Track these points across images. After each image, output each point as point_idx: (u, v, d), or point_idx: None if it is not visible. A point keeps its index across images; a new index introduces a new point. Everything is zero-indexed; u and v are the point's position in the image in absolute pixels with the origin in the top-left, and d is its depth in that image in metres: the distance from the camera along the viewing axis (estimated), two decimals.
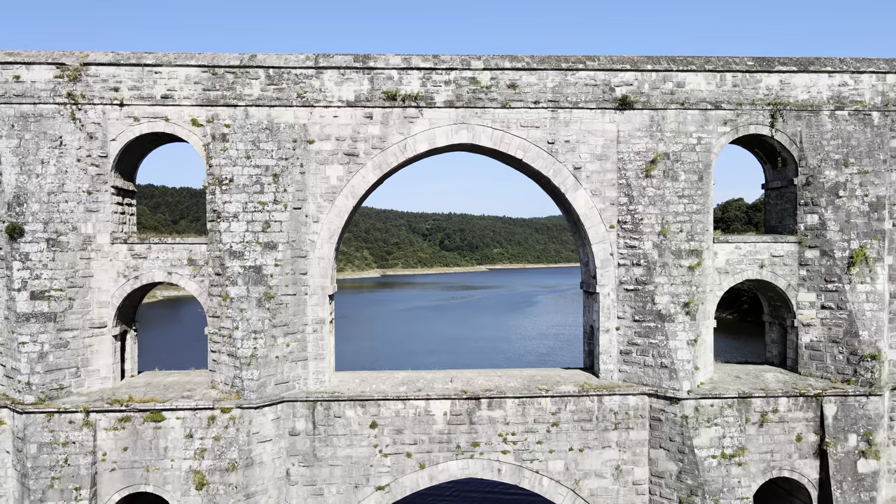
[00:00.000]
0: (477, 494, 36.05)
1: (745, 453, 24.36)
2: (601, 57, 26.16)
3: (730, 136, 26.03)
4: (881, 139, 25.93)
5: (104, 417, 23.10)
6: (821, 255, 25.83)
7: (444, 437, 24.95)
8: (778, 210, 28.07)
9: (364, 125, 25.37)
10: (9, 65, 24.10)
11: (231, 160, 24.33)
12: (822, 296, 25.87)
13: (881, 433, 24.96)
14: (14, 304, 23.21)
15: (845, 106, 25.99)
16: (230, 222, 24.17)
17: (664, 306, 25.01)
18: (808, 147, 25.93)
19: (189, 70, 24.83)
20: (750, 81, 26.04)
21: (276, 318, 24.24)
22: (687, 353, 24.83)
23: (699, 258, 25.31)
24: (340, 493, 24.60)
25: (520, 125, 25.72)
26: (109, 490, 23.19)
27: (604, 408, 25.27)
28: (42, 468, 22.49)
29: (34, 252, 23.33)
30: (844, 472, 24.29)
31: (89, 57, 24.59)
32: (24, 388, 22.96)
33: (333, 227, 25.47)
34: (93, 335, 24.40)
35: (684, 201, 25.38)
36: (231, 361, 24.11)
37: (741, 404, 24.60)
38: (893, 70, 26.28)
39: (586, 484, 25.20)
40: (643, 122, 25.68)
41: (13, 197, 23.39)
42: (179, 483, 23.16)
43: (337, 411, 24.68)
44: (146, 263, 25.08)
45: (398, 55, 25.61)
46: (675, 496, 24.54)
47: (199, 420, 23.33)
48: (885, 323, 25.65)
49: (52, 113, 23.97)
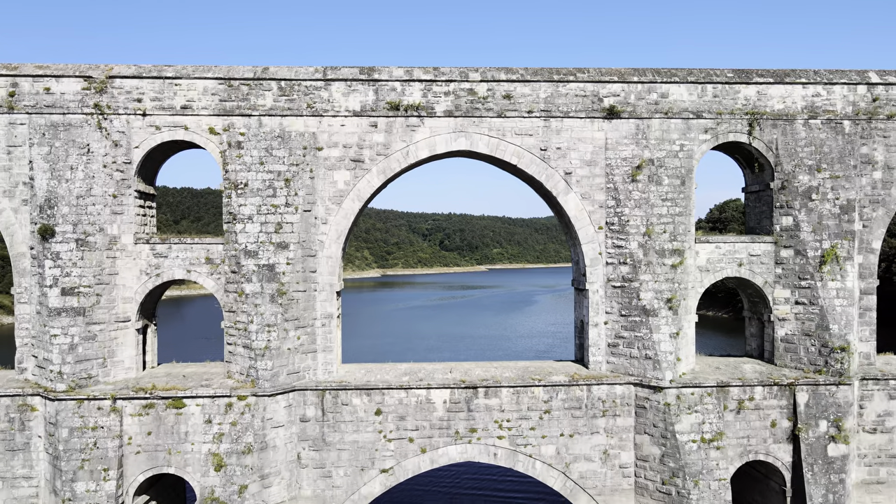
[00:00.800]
0: (474, 477, 37.94)
1: (723, 438, 26.25)
2: (590, 69, 28.03)
3: (710, 143, 27.89)
4: (852, 146, 27.80)
5: (130, 404, 24.98)
6: (795, 255, 27.71)
7: (444, 423, 26.83)
8: (756, 212, 29.96)
9: (369, 133, 27.24)
10: (40, 77, 25.99)
11: (246, 166, 26.21)
12: (796, 292, 27.75)
13: (850, 420, 26.83)
14: (46, 299, 25.09)
15: (818, 115, 27.86)
16: (245, 224, 26.04)
17: (648, 302, 26.89)
18: (784, 153, 27.80)
19: (206, 82, 26.71)
20: (729, 92, 27.91)
21: (288, 313, 26.11)
22: (669, 345, 26.70)
23: (681, 257, 27.18)
24: (347, 475, 26.49)
25: (514, 133, 27.59)
26: (135, 471, 25.08)
27: (592, 396, 27.14)
28: (73, 451, 24.36)
29: (64, 251, 25.20)
30: (815, 456, 26.17)
31: (114, 70, 26.46)
32: (55, 376, 24.84)
33: (340, 228, 27.36)
34: (118, 328, 26.29)
35: (668, 204, 27.24)
36: (246, 353, 25.98)
37: (720, 392, 26.48)
38: (863, 81, 28.14)
39: (576, 467, 27.09)
40: (629, 131, 27.54)
41: (45, 200, 25.27)
42: (199, 465, 25.04)
43: (344, 399, 26.56)
44: (167, 262, 26.96)
45: (401, 68, 27.48)
46: (658, 478, 26.43)
47: (217, 407, 25.21)
48: (854, 317, 27.53)
49: (80, 122, 25.84)
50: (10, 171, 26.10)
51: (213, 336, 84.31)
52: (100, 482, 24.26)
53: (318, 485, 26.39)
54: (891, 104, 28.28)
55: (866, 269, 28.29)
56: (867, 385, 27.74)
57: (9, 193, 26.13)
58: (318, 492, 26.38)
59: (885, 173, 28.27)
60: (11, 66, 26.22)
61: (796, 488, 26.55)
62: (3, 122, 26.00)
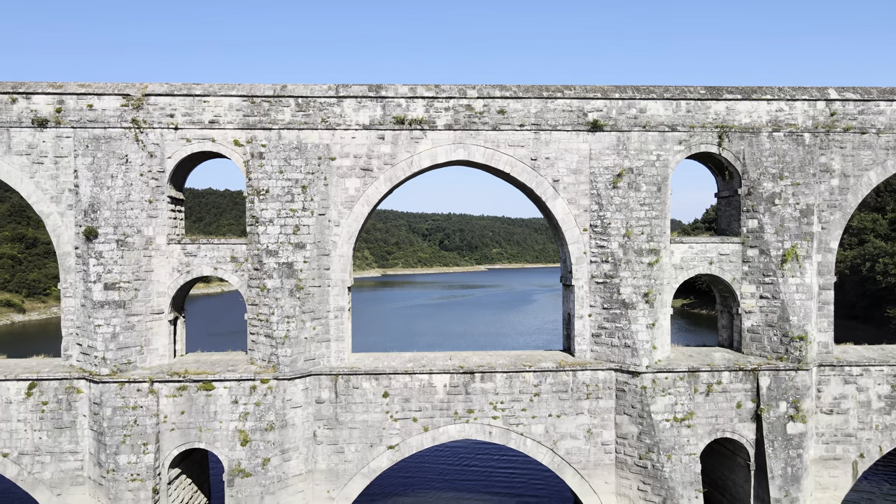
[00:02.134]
0: (472, 453, 41.08)
1: (694, 417, 29.37)
2: (576, 86, 31.14)
3: (684, 153, 30.99)
4: (811, 156, 30.91)
5: (165, 386, 28.09)
6: (759, 254, 30.82)
7: (445, 404, 29.95)
8: (726, 215, 33.08)
9: (377, 145, 30.36)
10: (83, 95, 29.11)
11: (267, 174, 29.32)
12: (761, 287, 30.87)
13: (808, 401, 29.94)
14: (91, 293, 28.20)
15: (781, 128, 30.97)
16: (266, 226, 29.16)
17: (627, 296, 30.01)
18: (750, 163, 30.90)
19: (231, 99, 29.81)
20: (701, 108, 31.02)
21: (305, 306, 29.22)
22: (646, 334, 29.82)
23: (657, 256, 30.29)
24: (358, 451, 29.60)
25: (508, 144, 30.71)
26: (169, 446, 28.20)
27: (578, 381, 30.26)
28: (116, 427, 27.48)
29: (106, 251, 28.31)
30: (776, 434, 29.28)
31: (148, 88, 29.58)
32: (100, 362, 27.95)
33: (351, 230, 30.48)
34: (153, 319, 29.41)
35: (645, 209, 30.35)
36: (268, 342, 29.09)
37: (691, 377, 29.59)
38: (823, 98, 31.23)
39: (563, 444, 30.20)
40: (611, 142, 30.65)
41: (89, 205, 28.37)
42: (227, 440, 28.15)
43: (355, 383, 29.68)
44: (196, 260, 30.07)
45: (405, 85, 30.58)
46: (636, 453, 29.55)
47: (242, 389, 28.32)
48: (813, 310, 30.65)
49: (119, 135, 28.95)
50: (57, 179, 29.21)
51: (218, 333, 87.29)
52: (140, 455, 27.38)
53: (331, 459, 29.51)
54: (847, 118, 31.39)
55: (824, 267, 31.39)
56: (824, 371, 30.86)
57: (56, 199, 29.24)
58: (332, 466, 29.50)
59: (842, 181, 31.37)
60: (57, 85, 29.34)
61: (759, 463, 29.67)
62: (51, 136, 29.11)
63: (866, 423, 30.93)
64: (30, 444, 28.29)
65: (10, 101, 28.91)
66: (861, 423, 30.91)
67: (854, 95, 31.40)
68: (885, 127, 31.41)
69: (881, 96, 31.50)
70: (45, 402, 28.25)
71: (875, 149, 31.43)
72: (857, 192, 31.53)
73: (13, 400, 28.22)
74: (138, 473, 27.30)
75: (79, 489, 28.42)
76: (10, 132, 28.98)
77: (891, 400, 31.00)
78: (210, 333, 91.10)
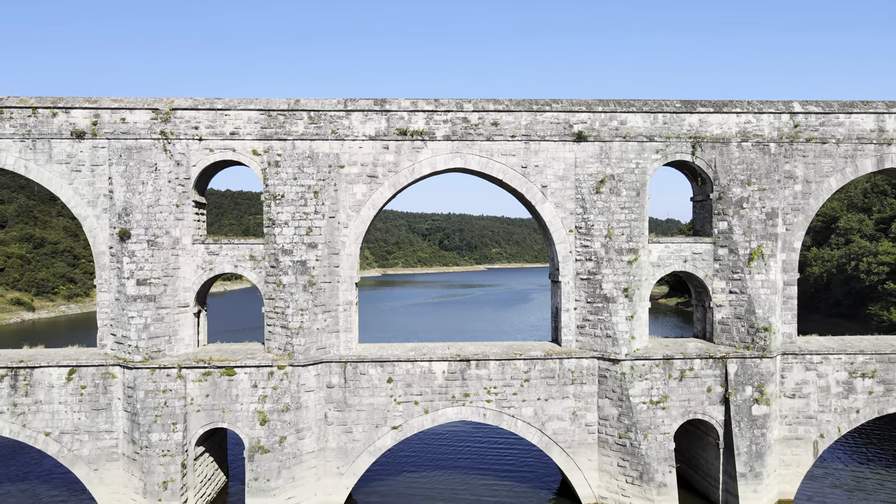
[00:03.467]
0: (468, 434, 44.22)
1: (668, 400, 32.49)
2: (563, 100, 34.25)
3: (661, 161, 34.11)
4: (776, 164, 34.02)
5: (192, 372, 31.21)
6: (729, 253, 33.94)
7: (443, 389, 33.07)
8: (700, 217, 36.21)
9: (382, 154, 33.47)
10: (117, 110, 32.22)
11: (282, 181, 32.43)
12: (730, 283, 33.99)
13: (771, 386, 33.06)
14: (124, 288, 31.32)
15: (749, 138, 34.07)
16: (282, 228, 32.27)
17: (609, 291, 33.13)
18: (721, 170, 34.01)
19: (250, 113, 32.92)
20: (676, 120, 34.13)
21: (317, 300, 32.34)
22: (625, 326, 32.94)
23: (636, 255, 33.41)
24: (365, 431, 32.73)
25: (500, 154, 33.83)
26: (195, 425, 31.32)
27: (564, 368, 33.38)
28: (148, 408, 30.60)
29: (139, 250, 31.43)
30: (742, 415, 32.40)
31: (175, 103, 32.68)
32: (133, 350, 31.08)
33: (358, 231, 33.59)
34: (179, 312, 32.52)
35: (625, 212, 33.46)
36: (283, 332, 32.20)
37: (666, 364, 32.71)
38: (787, 111, 34.33)
39: (550, 425, 33.32)
40: (595, 152, 33.77)
41: (122, 209, 31.49)
42: (247, 420, 31.26)
43: (362, 370, 32.80)
44: (218, 259, 33.18)
45: (408, 99, 33.69)
46: (616, 433, 32.68)
47: (261, 374, 31.43)
48: (777, 304, 33.77)
49: (149, 146, 32.06)
50: (93, 185, 32.33)
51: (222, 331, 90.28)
52: (170, 433, 30.50)
53: (341, 438, 32.63)
54: (810, 129, 34.50)
55: (788, 265, 34.51)
56: (788, 359, 33.99)
57: (92, 203, 32.36)
58: (342, 444, 32.63)
59: (804, 186, 34.48)
60: (93, 100, 32.46)
61: (727, 442, 32.79)
62: (88, 146, 32.23)
63: (826, 406, 34.06)
64: (70, 424, 31.41)
65: (52, 115, 32.03)
66: (821, 406, 34.03)
67: (816, 108, 34.50)
68: (843, 137, 34.52)
69: (841, 109, 34.60)
70: (83, 386, 31.38)
71: (835, 157, 34.54)
72: (819, 196, 34.63)
73: (55, 384, 31.35)
74: (168, 450, 30.43)
75: (114, 465, 31.56)
76: (51, 143, 32.10)
77: (848, 385, 34.12)
78: (220, 330, 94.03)
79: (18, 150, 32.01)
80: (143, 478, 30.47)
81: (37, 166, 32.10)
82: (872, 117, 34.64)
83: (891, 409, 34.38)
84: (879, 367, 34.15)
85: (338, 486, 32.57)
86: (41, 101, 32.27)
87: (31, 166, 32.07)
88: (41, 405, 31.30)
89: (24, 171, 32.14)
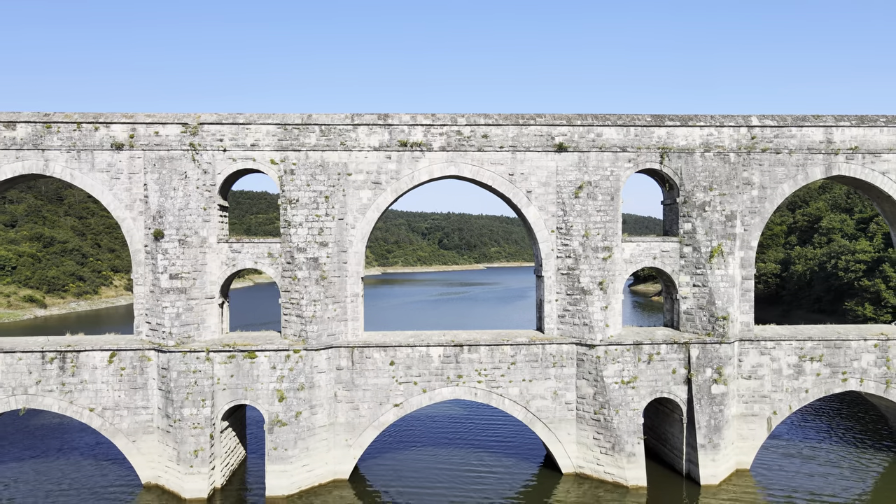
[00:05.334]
0: (461, 411, 48.59)
1: (637, 381, 36.80)
2: (546, 115, 38.52)
3: (633, 169, 38.39)
4: (735, 171, 38.30)
5: (218, 355, 35.50)
6: (693, 251, 38.23)
7: (439, 371, 37.38)
8: (669, 219, 40.51)
9: (385, 163, 37.75)
10: (151, 124, 36.50)
11: (297, 187, 36.71)
12: (694, 277, 38.29)
13: (729, 369, 37.37)
14: (159, 282, 35.62)
15: (711, 149, 38.35)
16: (297, 228, 36.56)
17: (586, 285, 37.43)
18: (686, 177, 38.29)
19: (268, 127, 37.20)
20: (647, 132, 38.40)
21: (328, 292, 36.63)
22: (600, 315, 37.25)
23: (610, 252, 37.71)
24: (370, 408, 37.04)
25: (490, 163, 38.11)
26: (221, 402, 35.63)
27: (546, 352, 37.68)
28: (181, 387, 34.91)
29: (171, 248, 35.71)
30: (702, 393, 36.71)
31: (202, 118, 36.95)
32: (167, 335, 35.39)
33: (364, 231, 37.88)
34: (206, 303, 36.82)
35: (601, 214, 37.75)
36: (298, 320, 36.50)
37: (636, 349, 37.01)
38: (746, 124, 38.61)
39: (534, 403, 37.63)
40: (574, 161, 38.05)
41: (156, 212, 35.77)
42: (267, 397, 35.57)
43: (367, 354, 37.11)
44: (240, 256, 37.48)
45: (408, 114, 37.96)
46: (591, 410, 37.00)
47: (279, 357, 35.72)
48: (735, 296, 38.07)
49: (179, 156, 36.34)
50: (130, 191, 36.62)
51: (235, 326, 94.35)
52: (199, 408, 34.81)
53: (349, 414, 36.95)
54: (765, 141, 38.79)
55: (746, 261, 38.79)
56: (745, 345, 38.31)
57: (129, 207, 36.65)
58: (350, 419, 36.95)
59: (760, 191, 38.77)
60: (129, 115, 36.73)
61: (689, 417, 37.11)
62: (125, 157, 36.52)
63: (778, 386, 38.39)
64: (111, 401, 35.74)
65: (94, 129, 36.31)
66: (774, 386, 38.36)
67: (772, 122, 38.80)
68: (795, 148, 38.82)
69: (794, 123, 38.91)
70: (122, 367, 35.71)
71: (787, 165, 38.85)
72: (773, 200, 38.93)
73: (98, 366, 35.68)
74: (199, 423, 34.74)
75: (149, 436, 35.88)
76: (93, 154, 36.39)
77: (798, 368, 38.45)
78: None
79: (65, 160, 36.31)
80: (176, 447, 34.80)
81: (81, 174, 36.39)
82: (821, 130, 38.94)
83: (837, 389, 38.71)
84: (826, 352, 38.48)
85: (346, 456, 36.93)
86: (84, 116, 36.53)
87: (76, 174, 36.36)
88: (86, 384, 35.62)
89: (69, 179, 36.42)
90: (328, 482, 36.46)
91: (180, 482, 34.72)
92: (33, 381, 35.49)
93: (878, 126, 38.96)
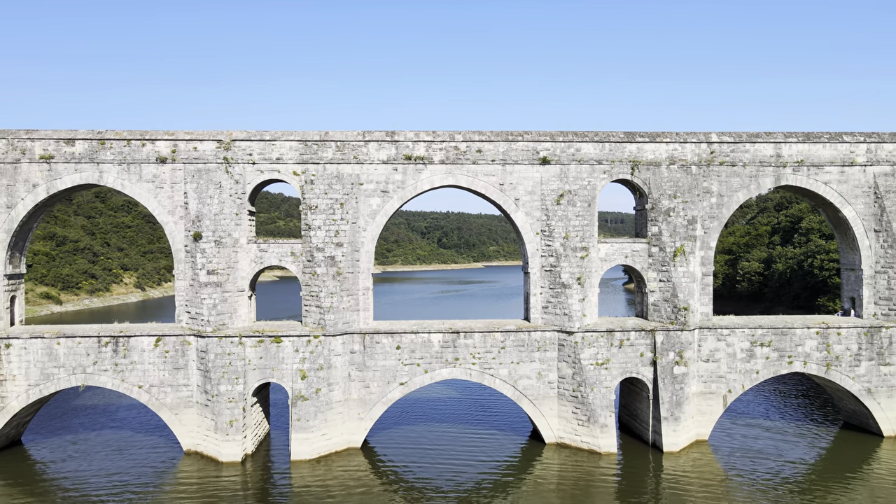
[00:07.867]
0: (457, 389, 54.52)
1: (610, 363, 42.63)
2: (532, 132, 44.32)
3: (607, 179, 44.21)
4: (696, 182, 44.12)
5: (249, 340, 41.30)
6: (659, 250, 44.05)
7: (439, 354, 43.20)
8: (639, 223, 46.35)
9: (392, 174, 43.55)
10: (190, 141, 42.28)
11: (316, 195, 42.51)
12: (660, 274, 44.12)
13: (689, 352, 43.20)
14: (197, 277, 41.41)
15: (676, 162, 44.16)
16: (316, 231, 42.35)
17: (566, 280, 43.25)
18: (653, 186, 44.09)
19: (291, 143, 42.99)
20: (620, 147, 44.20)
21: (343, 286, 42.44)
22: (578, 306, 43.07)
23: (587, 252, 43.53)
24: (379, 386, 42.87)
25: (483, 174, 43.92)
26: (252, 380, 41.44)
27: (531, 338, 43.51)
28: (217, 367, 40.71)
29: (208, 248, 41.50)
30: (665, 373, 42.54)
31: (234, 135, 42.73)
32: (205, 323, 41.20)
33: (374, 233, 43.70)
34: (238, 295, 42.63)
35: (579, 218, 43.57)
36: (317, 310, 42.30)
37: (609, 335, 42.82)
38: (706, 140, 44.41)
39: (521, 383, 43.47)
40: (556, 172, 43.85)
41: (195, 216, 41.55)
42: (291, 376, 41.37)
43: (377, 339, 42.93)
44: (266, 255, 43.29)
45: (412, 131, 43.74)
46: (570, 388, 42.85)
47: (301, 342, 41.52)
48: (695, 290, 43.88)
49: (214, 168, 42.12)
50: (172, 198, 42.40)
51: None
52: (234, 385, 40.62)
53: (361, 392, 42.78)
54: (723, 155, 44.60)
55: (706, 260, 44.63)
56: (703, 332, 44.15)
57: (171, 212, 42.44)
58: (362, 396, 42.79)
59: (718, 199, 44.60)
60: (171, 133, 42.51)
61: (655, 394, 42.95)
62: (168, 169, 42.31)
63: (733, 368, 44.23)
64: (156, 379, 41.55)
65: (142, 145, 42.11)
66: (729, 368, 44.20)
67: (729, 139, 44.63)
68: (749, 161, 44.65)
69: (748, 139, 44.74)
70: (167, 350, 41.51)
71: (742, 176, 44.67)
72: (730, 206, 44.76)
73: (146, 349, 41.49)
74: (233, 397, 40.55)
75: (190, 410, 41.71)
76: (141, 166, 42.18)
77: (750, 352, 44.29)
78: None
79: (117, 172, 42.11)
80: (214, 418, 40.63)
81: (130, 184, 42.18)
82: (772, 145, 44.79)
83: (784, 370, 44.57)
84: (774, 338, 44.35)
85: (358, 428, 42.79)
86: (132, 133, 42.33)
87: (126, 184, 42.15)
88: (136, 365, 41.45)
89: (120, 188, 42.20)
90: (343, 450, 42.32)
91: (218, 448, 40.57)
92: (91, 361, 41.34)
93: (821, 142, 44.82)
